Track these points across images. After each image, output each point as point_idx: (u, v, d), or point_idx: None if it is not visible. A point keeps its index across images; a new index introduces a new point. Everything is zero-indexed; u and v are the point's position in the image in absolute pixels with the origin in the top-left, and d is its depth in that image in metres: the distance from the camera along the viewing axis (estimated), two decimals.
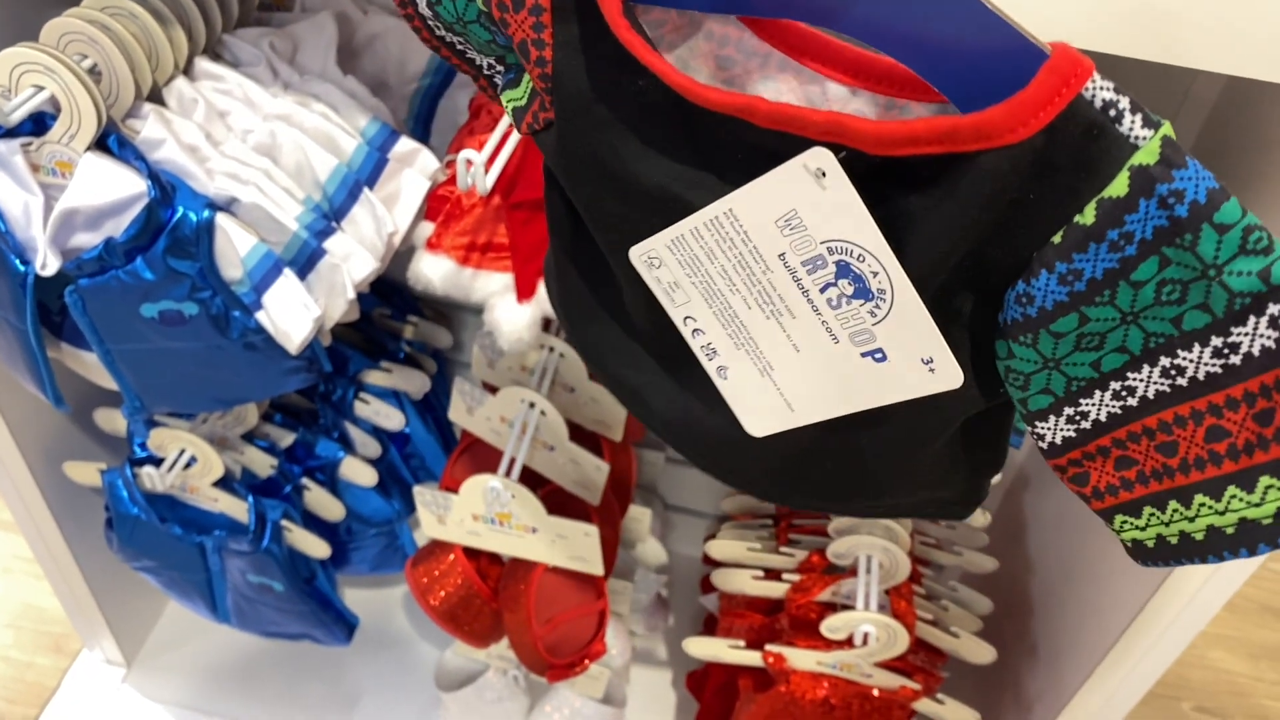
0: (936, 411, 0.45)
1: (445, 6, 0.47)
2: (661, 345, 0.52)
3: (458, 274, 0.80)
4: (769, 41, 0.45)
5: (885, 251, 0.39)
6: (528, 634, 0.86)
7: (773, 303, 0.44)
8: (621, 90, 0.42)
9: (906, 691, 0.91)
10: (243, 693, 1.25)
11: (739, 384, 0.49)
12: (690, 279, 0.45)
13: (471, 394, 0.89)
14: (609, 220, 0.47)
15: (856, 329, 0.43)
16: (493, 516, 0.82)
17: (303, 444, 1.02)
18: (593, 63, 0.43)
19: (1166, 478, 0.41)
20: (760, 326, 0.45)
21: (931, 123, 0.36)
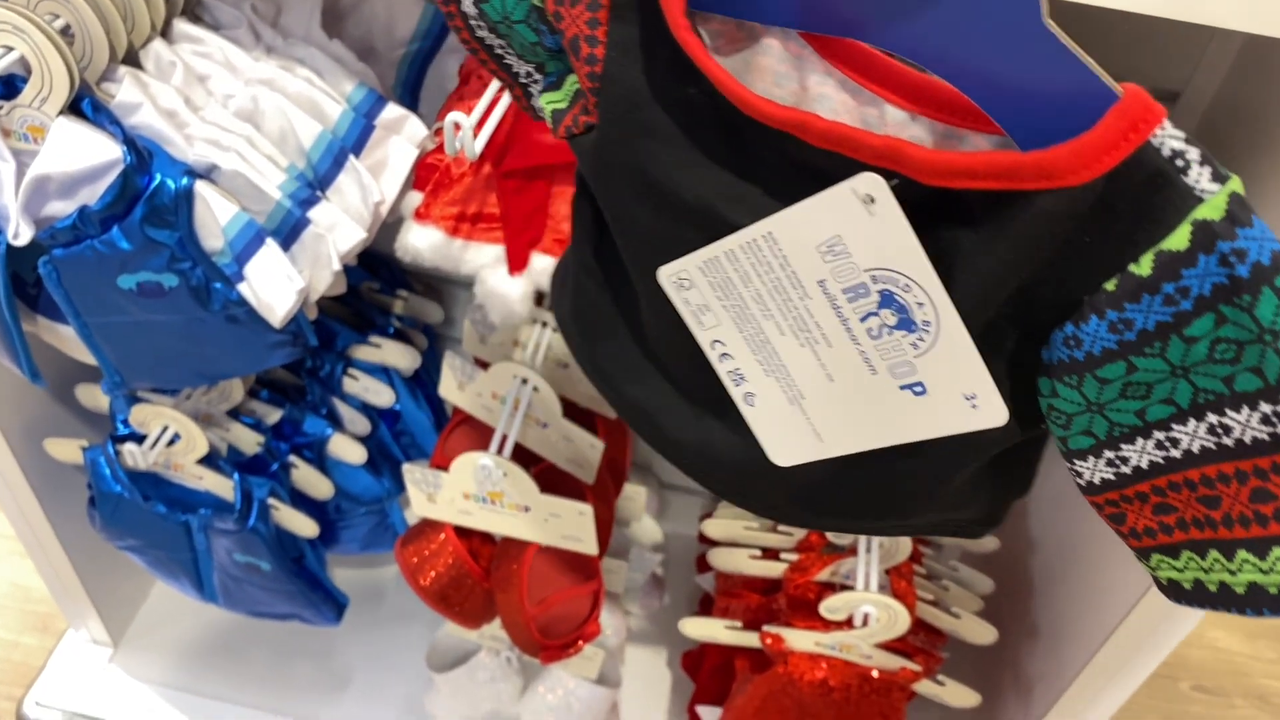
0: (971, 444, 0.44)
1: (492, 5, 0.45)
2: (682, 367, 0.51)
3: (447, 245, 0.77)
4: (829, 60, 0.43)
5: (934, 283, 0.38)
6: (520, 615, 0.84)
7: (808, 330, 0.42)
8: (670, 96, 0.41)
9: (907, 673, 0.89)
10: (231, 673, 1.23)
11: (766, 411, 0.47)
12: (721, 302, 0.43)
13: (463, 369, 0.87)
14: (641, 232, 0.45)
15: (897, 361, 0.41)
16: (484, 495, 0.80)
17: (290, 421, 1.00)
18: (644, 66, 0.41)
19: (1209, 528, 0.40)
20: (793, 354, 0.43)
21: (991, 157, 0.34)
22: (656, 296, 0.45)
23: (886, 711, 0.93)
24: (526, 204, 0.75)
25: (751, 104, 0.38)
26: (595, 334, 0.56)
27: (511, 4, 0.45)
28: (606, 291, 0.53)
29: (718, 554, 0.99)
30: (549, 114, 0.48)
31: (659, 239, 0.44)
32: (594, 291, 0.54)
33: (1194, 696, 1.39)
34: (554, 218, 0.76)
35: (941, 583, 0.97)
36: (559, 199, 0.76)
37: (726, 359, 0.46)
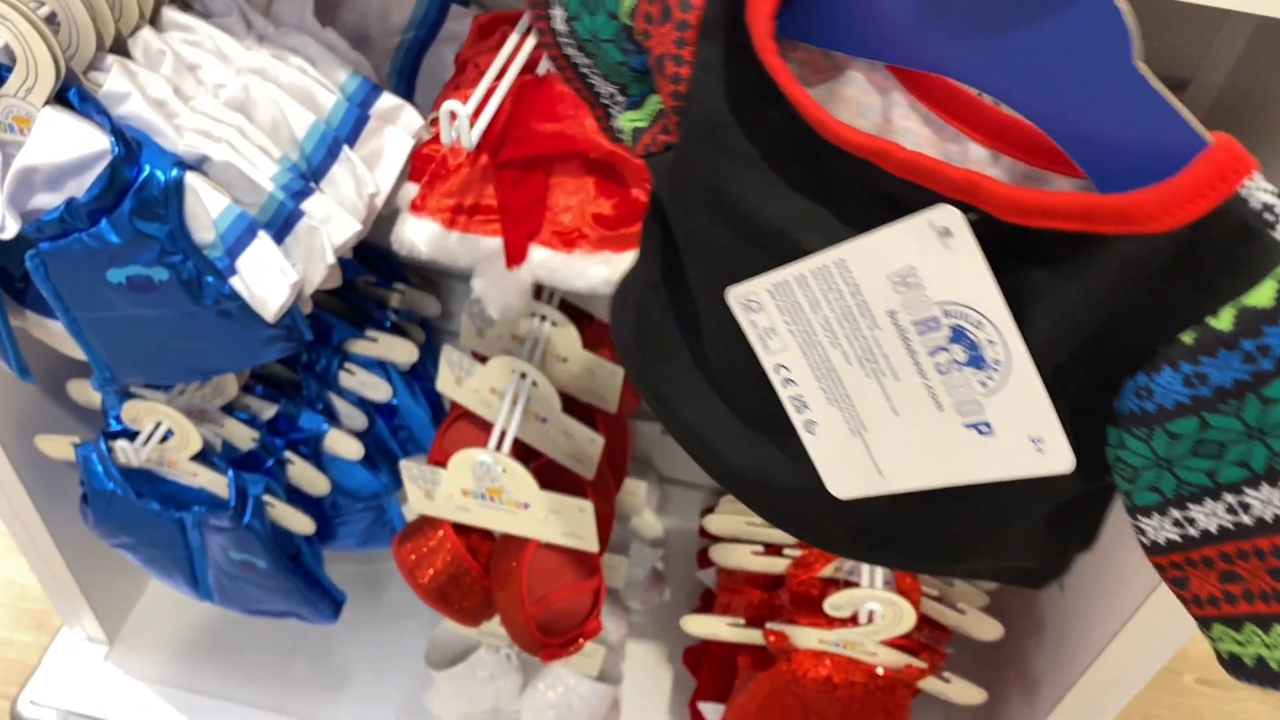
0: (1034, 491, 0.42)
1: (583, 23, 0.46)
2: (743, 392, 0.50)
3: (444, 238, 0.76)
4: (915, 94, 0.43)
5: (1007, 322, 0.37)
6: (520, 613, 0.83)
7: (875, 361, 0.41)
8: (752, 119, 0.41)
9: (912, 670, 0.88)
10: (228, 670, 1.22)
11: (827, 441, 0.46)
12: (789, 327, 0.43)
13: (460, 364, 0.85)
14: (712, 253, 0.45)
15: (964, 398, 0.40)
16: (483, 492, 0.79)
17: (285, 416, 0.98)
18: (728, 87, 0.41)
19: (1275, 602, 0.39)
20: (858, 384, 0.43)
21: (1071, 197, 0.34)
22: (723, 318, 0.45)
23: (891, 709, 0.91)
24: (524, 195, 0.74)
25: (832, 129, 0.37)
26: (655, 354, 0.55)
27: (601, 22, 0.45)
28: (670, 312, 0.53)
29: (720, 550, 0.98)
30: (629, 132, 0.48)
31: (730, 260, 0.44)
32: (657, 311, 0.54)
33: (1198, 690, 1.38)
34: (552, 209, 0.74)
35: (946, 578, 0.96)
36: (557, 190, 0.74)
37: (790, 385, 0.45)
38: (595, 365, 0.89)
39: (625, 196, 0.73)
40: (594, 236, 0.74)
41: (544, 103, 0.70)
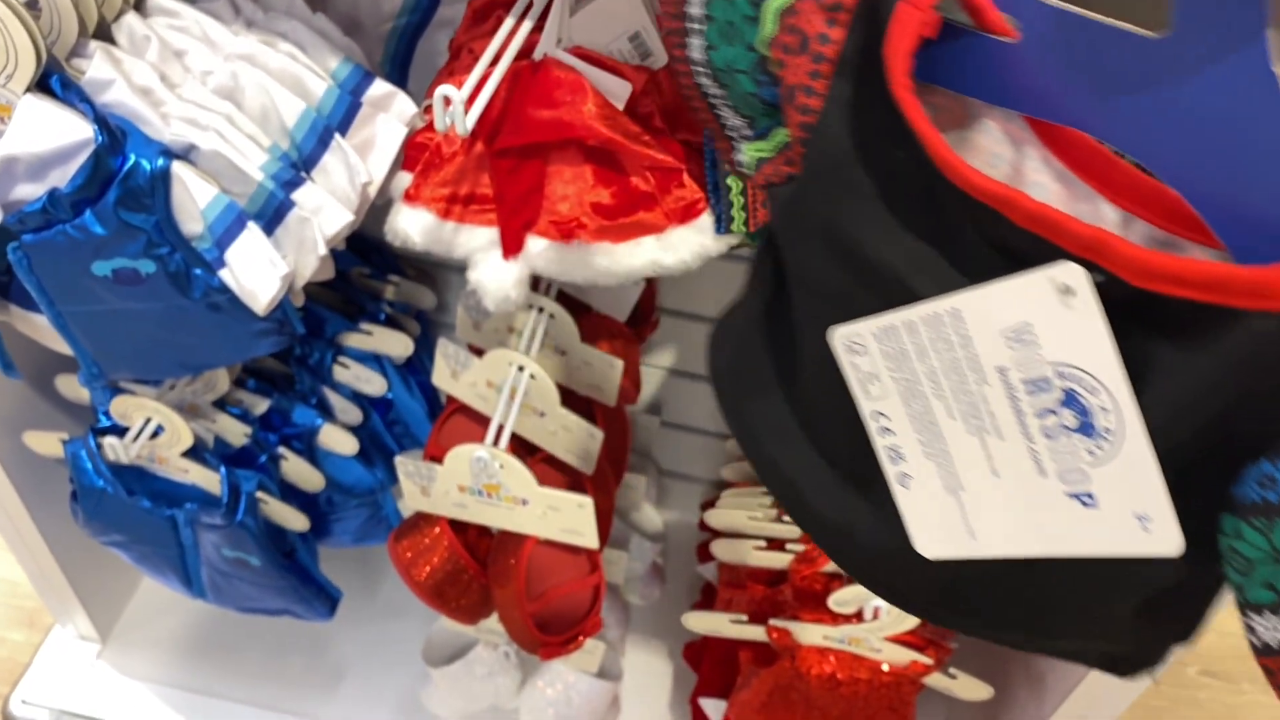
0: (1135, 572, 0.41)
1: (720, 53, 0.45)
2: (837, 436, 0.48)
3: (438, 228, 0.74)
4: (1050, 148, 0.41)
5: (1123, 391, 0.35)
6: (518, 610, 0.81)
7: (980, 418, 0.40)
8: (877, 157, 0.40)
9: (918, 666, 0.87)
10: (223, 668, 1.21)
11: (920, 497, 0.44)
12: (892, 373, 0.41)
13: (456, 357, 0.84)
14: (822, 289, 0.44)
15: (1069, 466, 0.38)
16: (480, 488, 0.77)
17: (278, 411, 0.97)
18: (857, 122, 0.40)
19: None
20: (959, 440, 0.41)
21: (1205, 265, 0.32)
22: (824, 359, 0.44)
23: (896, 705, 0.90)
24: (521, 184, 0.72)
25: (959, 171, 0.36)
26: (749, 391, 0.54)
27: (738, 53, 0.44)
28: (770, 349, 0.52)
29: (722, 545, 0.97)
30: (752, 161, 0.47)
31: (838, 299, 0.42)
32: (757, 347, 0.52)
33: (1202, 682, 1.37)
34: (549, 199, 0.72)
35: None
36: (555, 179, 0.72)
37: (887, 434, 0.44)
38: (594, 358, 0.87)
39: (625, 185, 0.71)
40: (593, 226, 0.72)
41: (541, 88, 0.68)
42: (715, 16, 0.44)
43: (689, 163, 0.72)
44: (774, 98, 0.45)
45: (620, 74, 0.71)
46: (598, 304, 0.97)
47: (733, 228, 0.71)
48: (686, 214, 0.72)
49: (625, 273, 0.73)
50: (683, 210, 0.71)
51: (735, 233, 0.72)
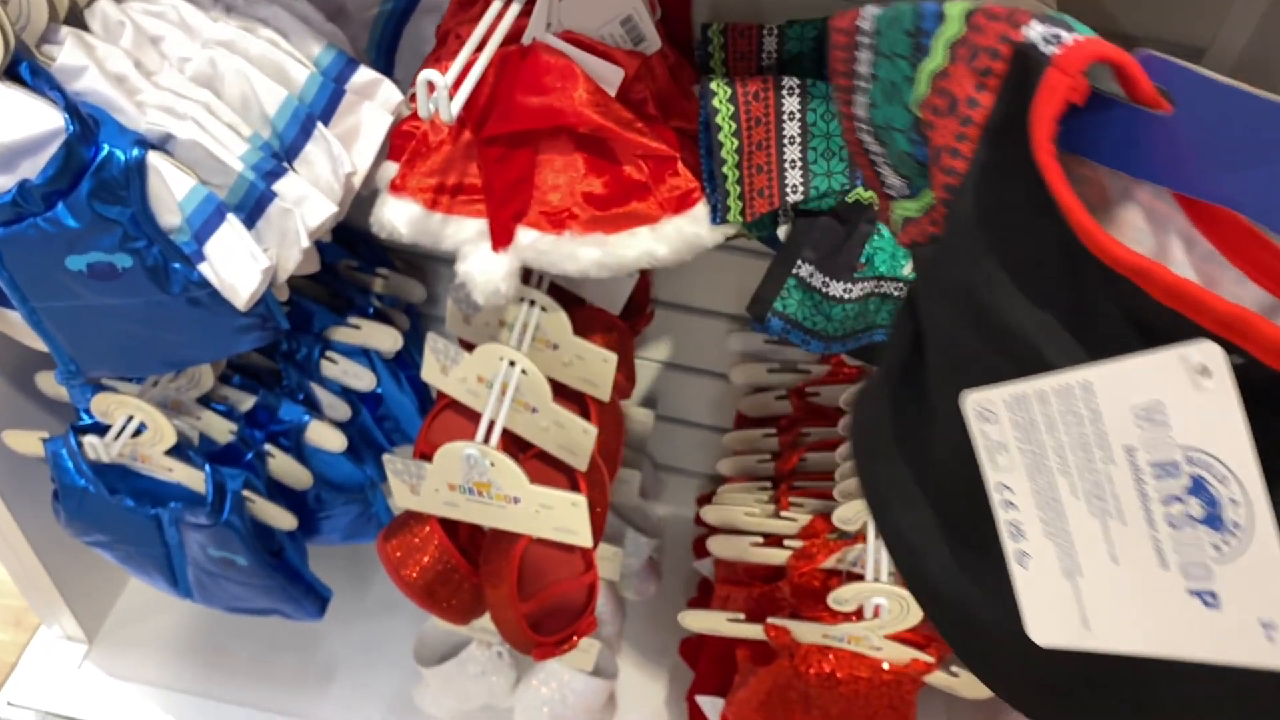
0: (1255, 688, 0.38)
1: (879, 110, 0.45)
2: (960, 506, 0.47)
3: (426, 219, 0.72)
4: (1199, 226, 0.40)
5: (1256, 483, 0.33)
6: (511, 611, 0.79)
7: (1103, 498, 0.38)
8: (1017, 222, 0.39)
9: (919, 664, 0.85)
10: (212, 668, 1.19)
11: (1037, 578, 0.42)
12: (1020, 444, 0.40)
13: (445, 352, 0.82)
14: (957, 353, 0.43)
15: (1192, 560, 0.36)
16: (470, 486, 0.75)
17: (264, 407, 0.94)
18: (1000, 187, 0.40)
19: None
20: (1080, 520, 0.39)
21: None
22: (954, 425, 0.43)
23: (897, 704, 0.89)
24: (510, 173, 0.70)
25: (1099, 241, 0.35)
26: (879, 453, 0.53)
27: (896, 112, 0.44)
28: (904, 412, 0.51)
29: (718, 541, 0.95)
30: (899, 220, 0.48)
31: (972, 364, 0.42)
32: (891, 409, 0.52)
33: None
34: (540, 188, 0.70)
35: None
36: (545, 168, 0.70)
37: (1010, 508, 0.42)
38: (587, 352, 0.85)
39: (617, 174, 0.69)
40: (584, 217, 0.70)
41: (530, 74, 0.66)
42: (879, 76, 0.45)
43: (683, 151, 0.70)
44: (926, 158, 0.45)
45: (612, 59, 0.69)
46: (591, 297, 0.95)
47: (728, 218, 0.69)
48: (681, 204, 0.69)
49: (618, 265, 0.71)
50: (677, 200, 0.69)
51: (731, 223, 0.70)
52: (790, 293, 0.72)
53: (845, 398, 0.96)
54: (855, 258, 0.69)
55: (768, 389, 1.09)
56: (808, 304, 0.72)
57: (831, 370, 1.03)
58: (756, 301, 0.74)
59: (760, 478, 1.05)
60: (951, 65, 0.41)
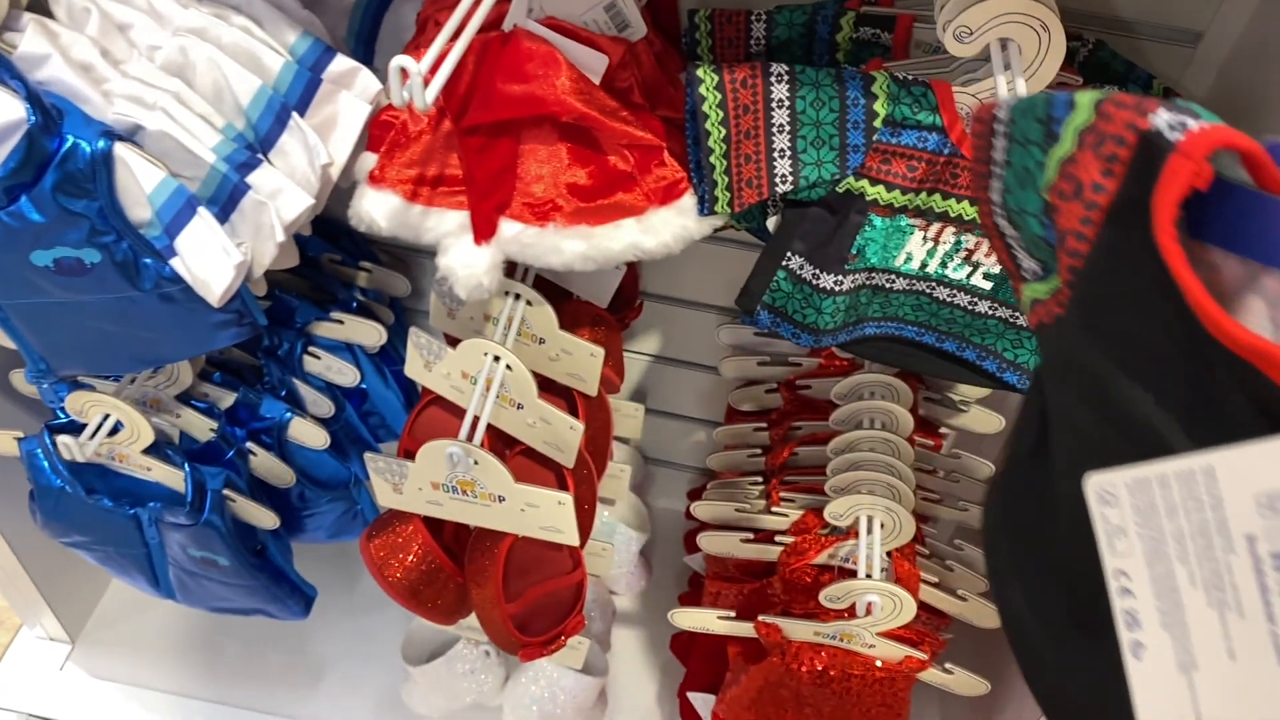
0: None
1: (1012, 195, 0.47)
2: (1078, 591, 0.46)
3: (405, 212, 0.70)
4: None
5: None
6: (496, 611, 0.78)
7: (1222, 589, 0.37)
8: (1139, 305, 0.40)
9: (912, 662, 0.84)
10: (197, 668, 1.17)
11: (1151, 671, 0.41)
12: (1139, 530, 0.39)
13: (429, 347, 0.80)
14: (1078, 435, 0.44)
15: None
16: (454, 484, 0.74)
17: (245, 404, 0.93)
18: (1122, 271, 0.40)
19: None
20: (1198, 612, 0.38)
21: None
22: (1076, 507, 0.42)
23: (890, 701, 0.87)
24: (492, 163, 0.68)
25: (1221, 324, 0.34)
26: (1005, 530, 0.53)
27: (1029, 196, 0.45)
28: (1029, 493, 0.51)
29: (708, 538, 0.93)
30: (1029, 302, 0.49)
31: (1094, 445, 0.42)
32: (1018, 489, 0.52)
33: None
34: (523, 179, 0.69)
35: (945, 563, 0.92)
36: (528, 158, 0.68)
37: (1126, 595, 0.41)
38: (573, 346, 0.83)
39: (602, 164, 0.68)
40: (569, 208, 0.68)
41: (511, 61, 0.64)
42: (1013, 162, 0.46)
43: (670, 140, 0.68)
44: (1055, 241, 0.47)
45: (596, 46, 0.67)
46: (578, 290, 0.94)
47: (716, 209, 0.67)
48: (668, 194, 0.68)
49: (604, 257, 0.69)
50: (664, 190, 0.68)
51: (719, 214, 0.68)
52: (779, 285, 0.70)
53: (836, 390, 0.95)
54: (846, 249, 0.67)
55: (758, 382, 1.07)
56: (798, 296, 0.70)
57: (823, 363, 1.01)
58: (745, 294, 0.72)
59: (751, 472, 1.04)
60: (1079, 152, 0.42)
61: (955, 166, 0.64)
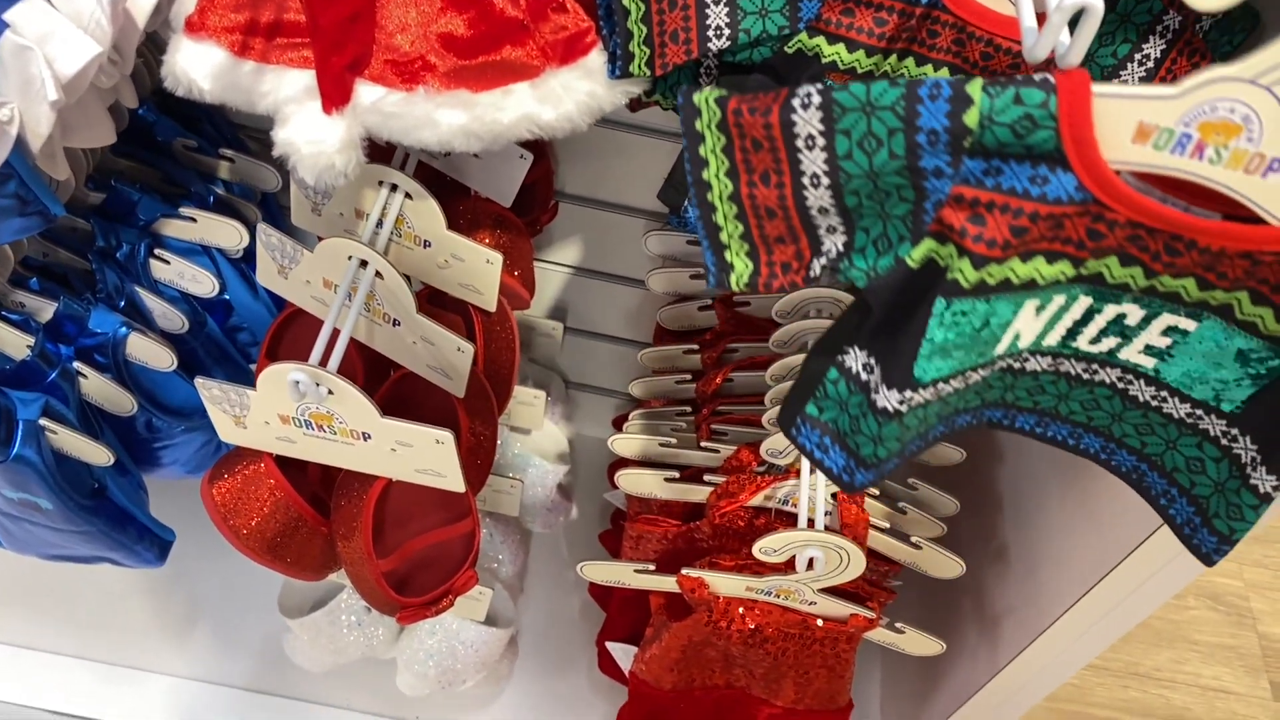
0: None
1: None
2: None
3: (233, 70, 0.54)
4: None
5: None
6: (367, 568, 0.65)
7: None
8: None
9: (859, 620, 0.73)
10: (47, 617, 1.04)
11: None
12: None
13: (281, 248, 0.65)
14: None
15: None
16: (307, 418, 0.60)
17: (71, 317, 0.77)
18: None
19: None
20: None
21: None
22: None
23: (832, 662, 0.77)
24: (342, 8, 0.52)
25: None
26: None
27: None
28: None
29: (627, 476, 0.81)
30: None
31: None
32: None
33: None
34: (383, 28, 0.53)
35: (898, 505, 0.81)
36: (390, 2, 0.53)
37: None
38: (465, 251, 0.69)
39: (485, 9, 0.53)
40: (443, 68, 0.54)
41: None
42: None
43: None
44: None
45: None
46: (475, 183, 0.79)
47: (631, 69, 0.52)
48: (570, 50, 0.53)
49: (490, 133, 0.55)
50: (565, 45, 0.53)
51: (635, 76, 0.53)
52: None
53: (778, 308, 0.82)
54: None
55: (690, 298, 0.94)
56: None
57: None
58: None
59: (679, 401, 0.91)
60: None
61: (935, 21, 0.51)
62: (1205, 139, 0.38)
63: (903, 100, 0.38)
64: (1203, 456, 0.49)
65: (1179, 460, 0.50)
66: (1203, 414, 0.48)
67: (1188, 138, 0.38)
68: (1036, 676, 0.79)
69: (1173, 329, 0.45)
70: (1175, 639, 1.36)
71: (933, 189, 0.40)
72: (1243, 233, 0.40)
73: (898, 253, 0.42)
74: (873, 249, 0.43)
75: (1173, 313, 0.44)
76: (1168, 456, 0.51)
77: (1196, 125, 0.37)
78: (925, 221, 0.41)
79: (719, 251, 0.44)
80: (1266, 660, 1.35)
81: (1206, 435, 0.48)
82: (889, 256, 0.42)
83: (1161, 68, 0.52)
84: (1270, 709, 1.30)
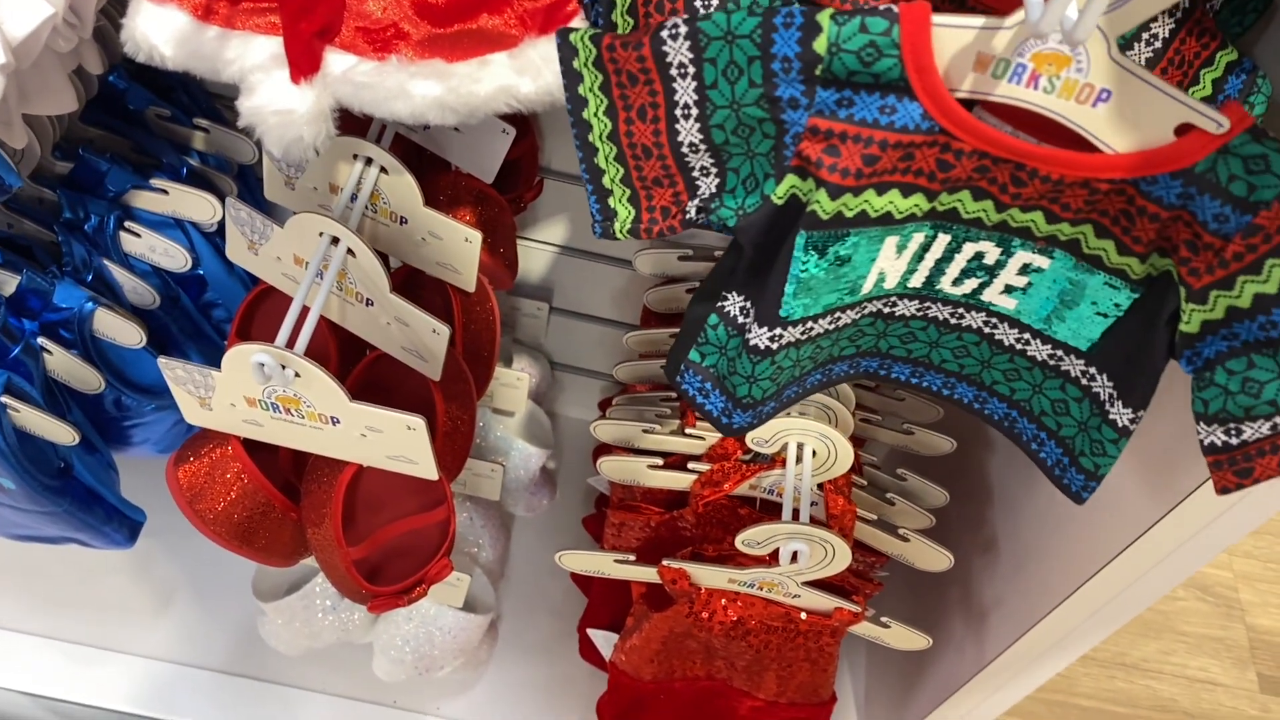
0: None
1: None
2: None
3: (197, 35, 0.52)
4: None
5: None
6: (337, 555, 0.63)
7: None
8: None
9: (843, 614, 0.71)
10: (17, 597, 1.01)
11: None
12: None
13: (250, 223, 0.62)
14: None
15: None
16: (274, 401, 0.57)
17: (34, 290, 0.74)
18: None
19: None
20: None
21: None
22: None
23: (815, 656, 0.75)
24: None
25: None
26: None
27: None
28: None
29: (610, 463, 0.79)
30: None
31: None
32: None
33: None
34: None
35: (886, 496, 0.79)
36: None
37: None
38: (443, 228, 0.66)
39: None
40: (417, 36, 0.51)
41: None
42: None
43: None
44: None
45: None
46: (455, 159, 0.76)
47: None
48: (550, 19, 0.50)
49: (467, 106, 0.52)
50: (544, 13, 0.50)
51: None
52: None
53: None
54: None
55: (679, 280, 0.92)
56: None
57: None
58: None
59: (664, 386, 0.89)
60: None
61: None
62: (1039, 69, 0.39)
63: (759, 29, 0.40)
64: (1066, 398, 0.51)
65: (1045, 404, 0.53)
66: (1063, 354, 0.50)
67: (1023, 67, 0.39)
68: (1023, 671, 0.77)
69: (1029, 267, 0.47)
70: (1163, 629, 1.35)
71: (791, 122, 0.41)
72: (1077, 160, 0.41)
73: (764, 190, 0.44)
74: (741, 189, 0.45)
75: (1027, 250, 0.46)
76: (1035, 400, 0.53)
77: (1030, 55, 0.39)
78: (787, 157, 0.42)
79: (603, 197, 0.47)
80: (1254, 652, 1.34)
81: (1068, 376, 0.51)
82: (755, 195, 0.44)
83: (1170, 47, 0.49)
84: (1257, 701, 1.30)
